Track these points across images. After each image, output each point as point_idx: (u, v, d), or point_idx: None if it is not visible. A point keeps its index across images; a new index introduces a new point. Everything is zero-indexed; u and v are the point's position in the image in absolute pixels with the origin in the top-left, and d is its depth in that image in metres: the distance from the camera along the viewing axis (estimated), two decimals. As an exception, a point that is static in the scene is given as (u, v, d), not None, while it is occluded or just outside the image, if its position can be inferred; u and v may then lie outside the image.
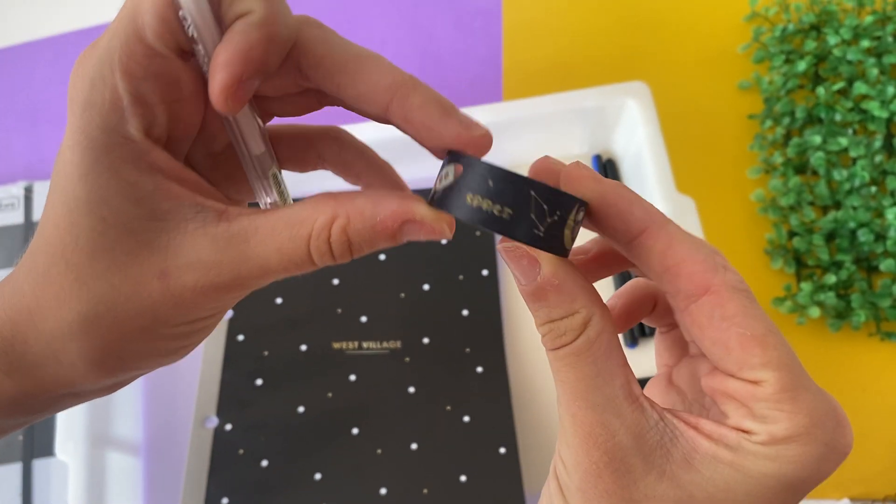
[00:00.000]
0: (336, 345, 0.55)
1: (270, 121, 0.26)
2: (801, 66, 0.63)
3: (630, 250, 0.23)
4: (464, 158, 0.22)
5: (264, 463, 0.52)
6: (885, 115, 0.59)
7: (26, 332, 0.24)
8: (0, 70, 0.73)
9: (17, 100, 0.71)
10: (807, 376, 0.22)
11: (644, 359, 0.55)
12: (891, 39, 0.63)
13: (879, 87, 0.61)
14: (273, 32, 0.21)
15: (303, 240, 0.23)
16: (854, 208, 0.57)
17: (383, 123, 0.24)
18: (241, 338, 0.56)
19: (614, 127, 0.60)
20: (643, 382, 0.51)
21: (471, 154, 0.23)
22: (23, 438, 0.56)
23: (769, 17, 0.68)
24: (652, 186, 0.54)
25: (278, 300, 0.57)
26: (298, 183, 0.34)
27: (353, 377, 0.54)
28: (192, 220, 0.23)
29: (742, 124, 0.64)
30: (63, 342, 0.24)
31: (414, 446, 0.51)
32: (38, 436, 0.57)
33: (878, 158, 0.58)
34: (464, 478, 0.51)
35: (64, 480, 0.53)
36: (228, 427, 0.53)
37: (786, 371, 0.22)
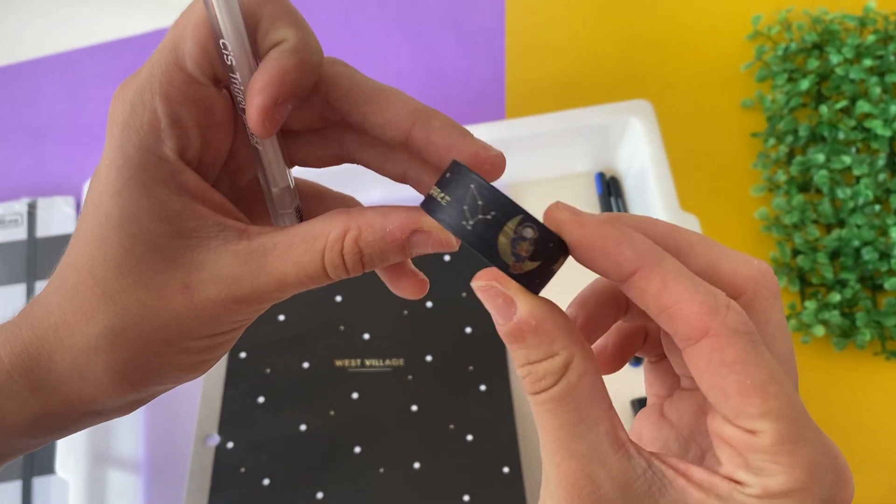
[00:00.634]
0: (338, 362, 0.55)
1: (292, 168, 0.27)
2: (803, 84, 0.63)
3: (625, 290, 0.23)
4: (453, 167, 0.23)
5: (266, 482, 0.51)
6: (888, 133, 0.59)
7: (52, 349, 0.25)
8: (5, 87, 0.73)
9: (22, 116, 0.71)
10: (810, 426, 0.21)
11: (648, 377, 0.55)
12: (893, 58, 0.63)
13: (882, 105, 0.61)
14: (305, 58, 0.23)
15: (318, 253, 0.24)
16: (858, 226, 0.57)
17: (401, 156, 0.26)
18: (243, 355, 0.56)
19: (618, 145, 0.60)
20: (646, 400, 0.51)
21: (485, 173, 0.24)
22: (23, 456, 0.56)
23: (772, 36, 0.68)
24: (655, 204, 0.54)
25: (281, 317, 0.57)
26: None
27: (355, 395, 0.54)
28: (215, 237, 0.24)
29: (745, 142, 0.64)
30: (88, 357, 0.24)
31: (416, 465, 0.51)
32: (38, 453, 0.56)
33: (881, 177, 0.58)
34: (467, 497, 0.50)
35: (64, 498, 0.52)
36: (230, 445, 0.53)
37: (785, 422, 0.20)
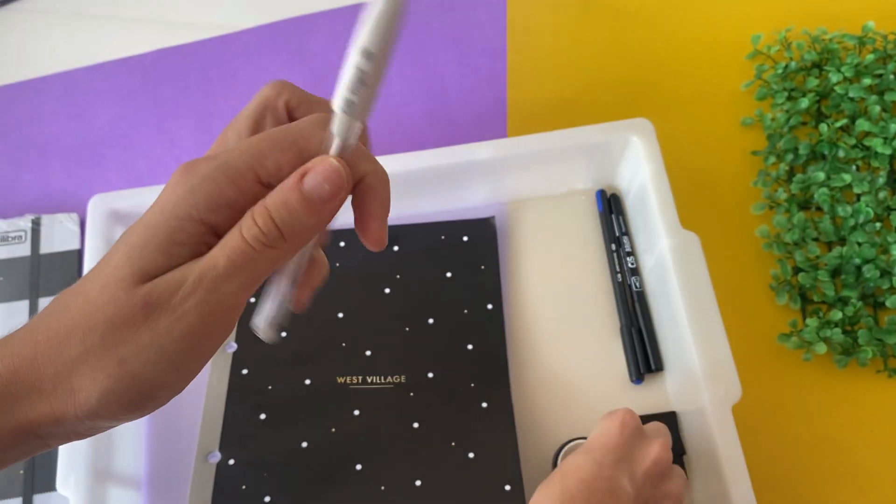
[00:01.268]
0: (340, 379, 0.55)
1: None
2: (803, 103, 0.63)
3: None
4: None
5: (267, 499, 0.51)
6: (888, 151, 0.60)
7: (33, 366, 0.28)
8: (10, 104, 0.74)
9: (27, 134, 0.72)
10: None
11: (649, 395, 0.55)
12: (892, 77, 0.63)
13: (882, 124, 0.61)
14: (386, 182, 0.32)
15: (235, 229, 0.28)
16: (859, 244, 0.57)
17: None
18: (245, 372, 0.56)
19: (618, 163, 0.60)
20: (648, 419, 0.51)
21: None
22: (23, 473, 0.56)
23: (771, 55, 0.69)
24: (656, 222, 0.54)
25: (283, 333, 0.57)
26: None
27: (357, 412, 0.54)
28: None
29: (745, 160, 0.65)
30: (68, 371, 0.28)
31: (418, 483, 0.51)
32: (38, 470, 0.56)
33: (881, 195, 0.59)
34: (468, 515, 0.50)
35: (64, 516, 0.52)
36: (231, 462, 0.52)
37: None
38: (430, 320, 0.57)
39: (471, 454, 0.52)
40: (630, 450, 0.41)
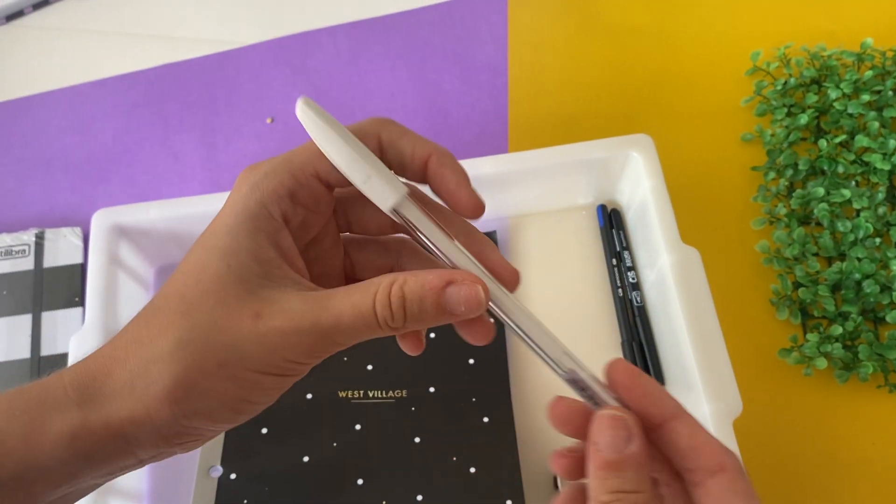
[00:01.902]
0: (342, 393, 0.55)
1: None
2: (802, 119, 0.64)
3: (657, 433, 0.29)
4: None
5: (268, 513, 0.51)
6: (887, 167, 0.60)
7: (115, 365, 0.28)
8: (16, 119, 0.74)
9: (32, 148, 0.72)
10: None
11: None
12: (891, 93, 0.64)
13: (881, 140, 0.61)
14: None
15: (370, 295, 0.28)
16: (859, 259, 0.57)
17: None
18: (246, 386, 0.56)
19: (619, 178, 0.60)
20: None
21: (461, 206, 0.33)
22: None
23: (770, 71, 0.69)
24: (657, 237, 0.54)
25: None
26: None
27: (358, 426, 0.54)
28: (292, 286, 0.29)
29: (745, 176, 0.65)
30: (147, 366, 0.27)
31: (419, 498, 0.51)
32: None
33: (881, 210, 0.59)
34: (469, 530, 0.50)
35: (66, 530, 0.52)
36: (233, 476, 0.52)
37: None
38: (432, 334, 0.57)
39: (472, 469, 0.52)
40: None
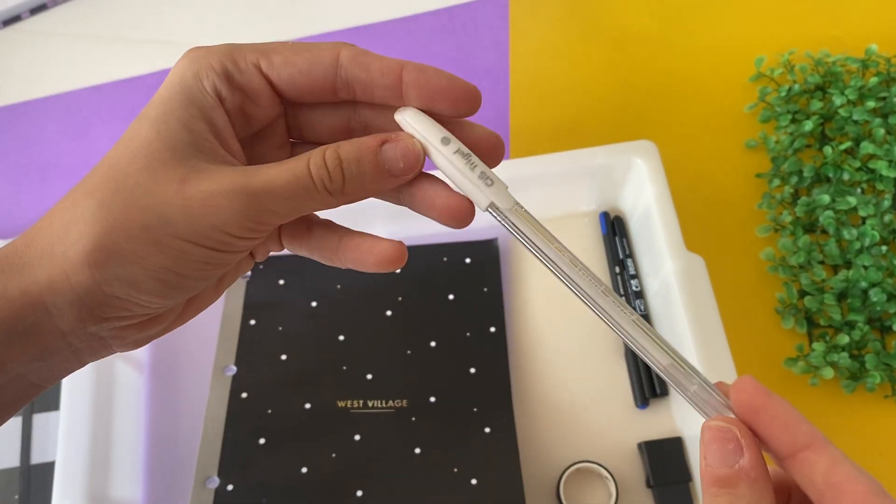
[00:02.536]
0: (341, 403, 0.55)
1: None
2: (807, 125, 0.63)
3: (789, 462, 0.25)
4: None
5: (265, 525, 0.50)
6: (892, 174, 0.59)
7: (36, 234, 0.27)
8: (13, 124, 0.74)
9: (29, 154, 0.72)
10: None
11: (654, 420, 0.54)
12: (896, 100, 0.63)
13: (886, 146, 0.61)
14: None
15: (304, 160, 0.27)
16: (865, 267, 0.56)
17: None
18: (244, 395, 0.55)
19: (622, 185, 0.60)
20: (653, 444, 0.50)
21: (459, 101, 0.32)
22: (18, 498, 0.55)
23: (775, 77, 0.69)
24: (661, 244, 0.53)
25: (283, 356, 0.56)
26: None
27: (357, 437, 0.53)
28: (223, 162, 0.28)
29: (750, 183, 0.64)
30: (67, 229, 0.26)
31: (419, 509, 0.50)
32: (34, 494, 0.55)
33: (887, 218, 0.58)
34: (471, 543, 0.49)
35: (59, 542, 0.51)
36: (230, 488, 0.52)
37: None
38: (433, 343, 0.57)
39: (473, 480, 0.51)
40: None
